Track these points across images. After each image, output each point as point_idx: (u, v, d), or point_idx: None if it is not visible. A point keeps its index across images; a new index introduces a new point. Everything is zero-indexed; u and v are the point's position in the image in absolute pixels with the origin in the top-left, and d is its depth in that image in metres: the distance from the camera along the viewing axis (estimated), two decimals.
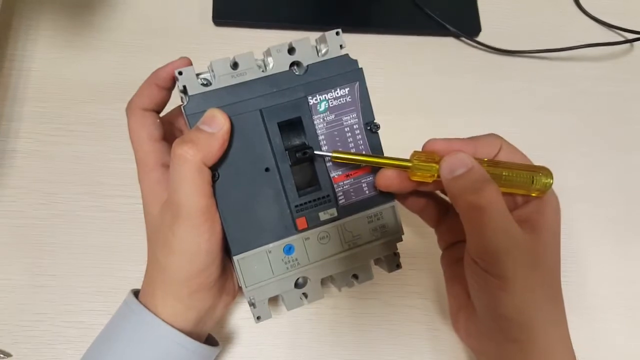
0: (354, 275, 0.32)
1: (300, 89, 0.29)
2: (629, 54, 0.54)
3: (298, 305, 0.32)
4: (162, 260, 0.29)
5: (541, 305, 0.27)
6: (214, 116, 0.27)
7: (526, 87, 0.51)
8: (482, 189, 0.26)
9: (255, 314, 0.31)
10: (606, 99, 0.52)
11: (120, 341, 0.30)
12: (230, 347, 0.39)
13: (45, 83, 0.45)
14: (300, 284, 0.31)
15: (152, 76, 0.30)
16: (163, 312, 0.29)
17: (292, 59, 0.29)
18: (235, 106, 0.28)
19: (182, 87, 0.28)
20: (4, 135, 0.43)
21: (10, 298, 0.39)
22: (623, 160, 0.49)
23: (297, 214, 0.30)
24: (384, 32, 0.51)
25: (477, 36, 0.52)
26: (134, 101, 0.31)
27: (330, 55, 0.30)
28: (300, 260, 0.31)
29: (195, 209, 0.27)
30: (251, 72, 0.29)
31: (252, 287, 0.30)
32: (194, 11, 0.49)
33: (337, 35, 0.30)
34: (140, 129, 0.31)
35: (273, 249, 0.30)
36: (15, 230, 0.40)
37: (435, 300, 0.42)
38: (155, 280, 0.30)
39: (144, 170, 0.31)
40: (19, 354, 0.37)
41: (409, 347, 0.41)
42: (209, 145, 0.27)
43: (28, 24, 0.47)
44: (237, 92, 0.29)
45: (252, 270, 0.30)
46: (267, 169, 0.29)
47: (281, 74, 0.29)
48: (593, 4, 0.55)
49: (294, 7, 0.51)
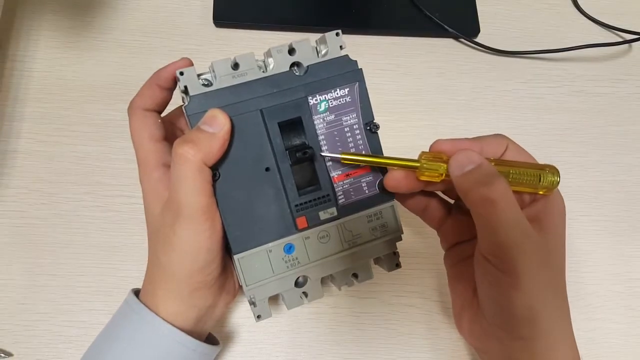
0: (353, 274, 0.33)
1: (301, 89, 0.30)
2: (628, 54, 0.54)
3: (298, 304, 0.32)
4: (163, 259, 0.29)
5: (550, 304, 0.28)
6: (214, 116, 0.27)
7: (525, 88, 0.51)
8: (493, 183, 0.26)
9: (255, 313, 0.31)
10: (605, 99, 0.52)
11: (120, 340, 0.30)
12: (230, 347, 0.39)
13: (46, 83, 0.45)
14: (300, 283, 0.32)
15: (154, 77, 0.30)
16: (164, 311, 0.29)
17: (292, 60, 0.30)
18: (236, 106, 0.29)
19: (183, 88, 0.28)
20: (5, 135, 0.43)
21: (11, 298, 0.39)
22: (622, 160, 0.49)
23: (298, 213, 0.30)
24: (383, 33, 0.51)
25: (476, 37, 0.52)
26: (135, 101, 0.31)
27: (330, 56, 0.30)
28: (300, 259, 0.31)
29: (196, 207, 0.27)
30: (252, 72, 0.29)
31: (253, 286, 0.30)
32: (195, 12, 0.50)
33: (337, 36, 0.30)
34: (142, 129, 0.31)
35: (273, 248, 0.30)
36: (16, 230, 0.41)
37: (435, 299, 0.42)
38: (156, 279, 0.30)
39: (145, 170, 0.31)
40: (20, 353, 0.38)
41: (409, 346, 0.41)
42: (210, 145, 0.27)
43: (29, 24, 0.47)
44: (238, 92, 0.29)
45: (252, 269, 0.30)
46: (267, 168, 0.29)
47: (281, 74, 0.30)
48: (591, 5, 0.55)
49: (294, 8, 0.51)
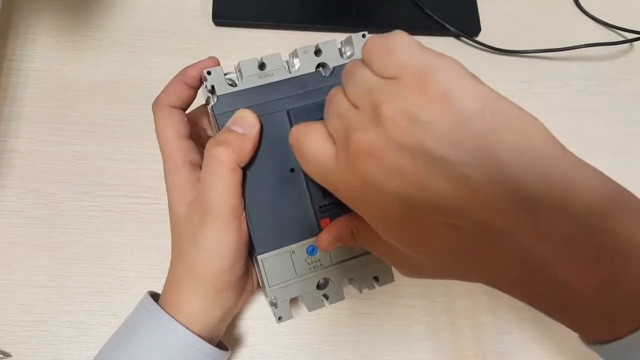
0: (375, 277, 0.32)
1: (327, 90, 0.29)
2: (629, 53, 0.54)
3: (319, 306, 0.32)
4: (189, 257, 0.29)
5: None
6: (244, 117, 0.28)
7: (526, 87, 0.51)
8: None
9: (276, 314, 0.31)
10: (606, 99, 0.52)
11: (135, 342, 0.30)
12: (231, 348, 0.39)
13: (44, 83, 0.45)
14: (321, 285, 0.31)
15: (181, 74, 0.30)
16: (190, 310, 0.29)
17: (318, 61, 0.30)
18: (262, 106, 0.29)
19: (210, 87, 0.28)
20: (3, 135, 0.43)
21: (9, 298, 0.39)
22: (623, 160, 0.49)
23: (322, 215, 0.30)
24: (383, 32, 0.51)
25: (476, 36, 0.52)
26: (161, 98, 0.31)
27: (355, 57, 0.30)
28: (322, 262, 0.31)
29: (226, 208, 0.27)
30: (278, 73, 0.29)
31: (275, 287, 0.30)
32: (194, 11, 0.49)
33: (363, 38, 0.30)
34: (168, 126, 0.30)
35: (297, 250, 0.30)
36: (14, 230, 0.40)
37: (435, 300, 0.42)
38: (181, 277, 0.30)
39: (172, 167, 0.30)
40: (19, 354, 0.37)
41: (409, 347, 0.41)
42: (242, 146, 0.27)
43: (27, 23, 0.47)
44: (265, 92, 0.29)
45: (275, 270, 0.30)
46: (292, 169, 0.29)
47: (308, 75, 0.30)
48: (592, 4, 0.55)
49: (294, 7, 0.51)
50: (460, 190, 0.19)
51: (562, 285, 0.20)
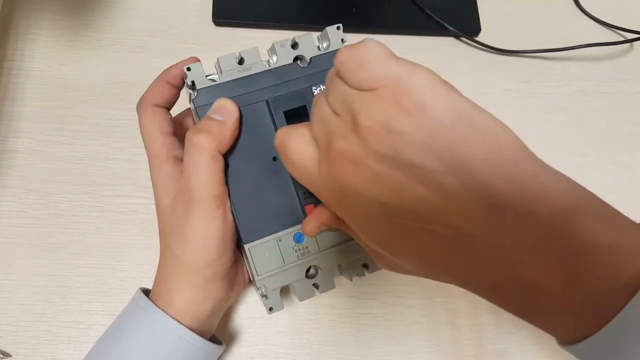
0: (364, 264, 0.33)
1: (304, 79, 0.30)
2: (629, 53, 0.54)
3: (310, 295, 0.32)
4: (177, 250, 0.29)
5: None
6: (223, 105, 0.28)
7: (525, 87, 0.51)
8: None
9: (267, 305, 0.31)
10: (605, 99, 0.52)
11: (127, 337, 0.30)
12: (230, 347, 0.39)
13: (45, 83, 0.45)
14: (311, 274, 0.32)
15: (164, 74, 0.31)
16: (180, 302, 0.30)
17: (295, 54, 0.30)
18: (242, 97, 0.29)
19: (190, 83, 0.29)
20: (3, 135, 0.43)
21: (9, 298, 0.39)
22: (623, 160, 0.49)
23: (306, 201, 0.30)
24: (383, 32, 0.51)
25: (476, 36, 0.52)
26: (145, 97, 0.32)
27: (332, 48, 0.31)
28: (310, 249, 0.31)
29: (209, 196, 0.28)
30: (256, 66, 0.30)
31: (264, 276, 0.30)
32: (194, 11, 0.49)
33: (338, 30, 0.31)
34: (152, 124, 0.31)
35: (283, 237, 0.30)
36: (14, 230, 0.40)
37: (435, 300, 0.42)
38: (170, 271, 0.30)
39: (157, 162, 0.31)
40: (18, 354, 0.37)
41: (409, 347, 0.41)
42: (222, 133, 0.28)
43: (28, 23, 0.47)
44: (244, 84, 0.29)
45: (263, 258, 0.30)
46: (275, 158, 0.30)
47: (285, 66, 0.30)
48: (593, 4, 0.55)
49: (294, 7, 0.51)
50: (435, 198, 0.20)
51: (531, 287, 0.21)
